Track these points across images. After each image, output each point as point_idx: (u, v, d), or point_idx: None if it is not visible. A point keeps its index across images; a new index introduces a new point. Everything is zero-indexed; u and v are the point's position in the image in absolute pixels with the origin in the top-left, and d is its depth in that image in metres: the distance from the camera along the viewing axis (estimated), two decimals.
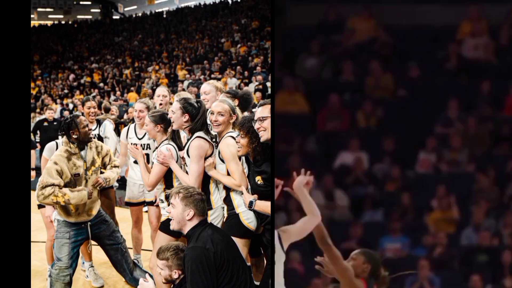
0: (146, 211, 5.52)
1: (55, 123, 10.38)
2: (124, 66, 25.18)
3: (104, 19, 39.23)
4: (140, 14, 36.29)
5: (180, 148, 4.33)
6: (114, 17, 39.84)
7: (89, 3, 42.42)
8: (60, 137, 4.65)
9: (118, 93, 20.23)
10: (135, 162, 5.24)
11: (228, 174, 4.00)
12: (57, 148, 4.86)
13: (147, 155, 5.06)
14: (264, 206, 3.80)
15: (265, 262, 4.30)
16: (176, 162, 4.19)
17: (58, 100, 21.66)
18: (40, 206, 5.12)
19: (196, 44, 24.66)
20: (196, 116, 4.14)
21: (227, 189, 4.04)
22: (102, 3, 41.01)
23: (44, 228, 5.40)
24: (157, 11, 36.09)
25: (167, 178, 4.25)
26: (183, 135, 4.49)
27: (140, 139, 5.35)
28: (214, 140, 4.25)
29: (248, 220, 3.93)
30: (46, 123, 10.56)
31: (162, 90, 5.46)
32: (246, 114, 4.60)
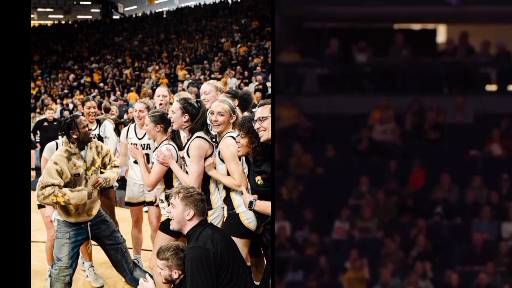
0: (146, 211, 5.52)
1: (55, 123, 10.38)
2: (124, 66, 25.17)
3: (104, 19, 39.24)
4: (140, 14, 36.29)
5: (180, 148, 4.33)
6: (114, 17, 39.85)
7: (89, 3, 42.42)
8: (60, 137, 4.65)
9: (118, 93, 20.22)
10: (135, 162, 5.24)
11: (228, 174, 4.00)
12: (57, 148, 4.86)
13: (147, 155, 5.06)
14: (264, 206, 3.80)
15: (265, 262, 4.30)
16: (176, 162, 4.18)
17: (58, 100, 21.65)
18: (40, 206, 5.12)
19: (196, 44, 24.66)
20: (196, 116, 4.14)
21: (227, 189, 4.04)
22: (102, 3, 41.02)
23: (44, 228, 5.40)
24: (157, 11, 36.09)
25: (167, 178, 4.25)
26: (183, 135, 4.48)
27: (140, 139, 5.35)
28: (214, 140, 4.25)
29: (248, 220, 3.93)
30: (46, 123, 10.55)
31: (162, 90, 5.46)
32: (246, 114, 4.60)
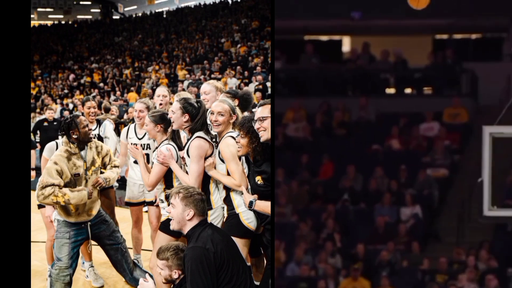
0: (146, 211, 5.52)
1: (55, 123, 10.38)
2: (124, 66, 25.17)
3: (104, 19, 39.23)
4: (140, 14, 36.29)
5: (180, 148, 4.33)
6: (114, 17, 39.83)
7: (89, 3, 42.42)
8: (60, 137, 4.65)
9: (118, 93, 20.22)
10: (135, 162, 5.24)
11: (228, 174, 4.00)
12: (57, 148, 4.85)
13: (147, 155, 5.06)
14: (264, 206, 3.80)
15: (265, 262, 4.30)
16: (176, 162, 4.18)
17: (58, 100, 21.64)
18: (40, 206, 5.12)
19: (196, 44, 24.65)
20: (196, 116, 4.14)
21: (227, 189, 4.04)
22: (102, 3, 41.01)
23: (44, 228, 5.40)
24: (157, 11, 36.08)
25: (167, 178, 4.25)
26: (183, 135, 4.48)
27: (140, 139, 5.35)
28: (214, 140, 4.25)
29: (248, 220, 3.93)
30: (46, 123, 10.55)
31: (162, 90, 5.46)
32: (246, 114, 4.60)
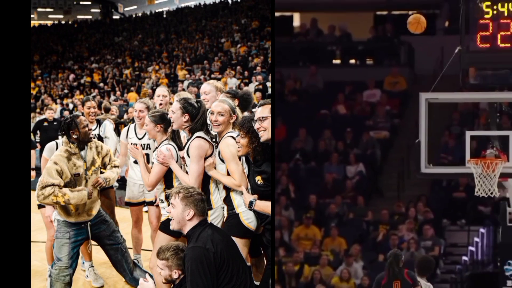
0: (146, 211, 5.52)
1: (55, 123, 10.37)
2: (124, 66, 25.15)
3: (104, 19, 39.20)
4: (140, 14, 36.26)
5: (180, 148, 4.33)
6: (114, 17, 39.79)
7: (89, 3, 42.39)
8: (60, 137, 4.65)
9: (118, 93, 20.21)
10: (135, 162, 5.24)
11: (228, 174, 4.00)
12: (57, 148, 4.85)
13: (147, 155, 5.06)
14: (264, 206, 3.80)
15: (265, 262, 4.30)
16: (176, 162, 4.18)
17: (58, 100, 21.62)
18: (40, 206, 5.12)
19: (196, 44, 24.64)
20: (196, 116, 4.14)
21: (227, 189, 4.04)
22: (102, 3, 40.98)
23: (44, 228, 5.41)
24: (157, 11, 36.04)
25: (167, 178, 4.25)
26: (183, 135, 4.48)
27: (140, 139, 5.35)
28: (214, 140, 4.25)
29: (248, 220, 3.93)
30: (46, 123, 10.55)
31: (162, 90, 5.46)
32: (246, 114, 4.60)
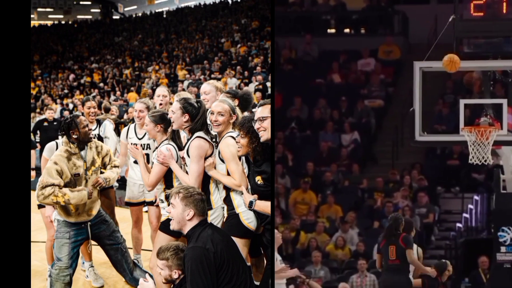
0: (146, 211, 5.52)
1: (55, 123, 10.37)
2: (124, 66, 25.14)
3: (104, 19, 39.18)
4: (140, 14, 36.24)
5: (180, 148, 4.33)
6: (114, 17, 39.77)
7: (89, 3, 42.36)
8: (60, 137, 4.65)
9: (118, 93, 20.20)
10: (135, 162, 5.23)
11: (228, 174, 4.00)
12: (57, 148, 4.85)
13: (147, 155, 5.06)
14: (264, 206, 3.80)
15: (265, 262, 4.30)
16: (176, 162, 4.18)
17: (58, 100, 21.61)
18: (40, 206, 5.12)
19: (196, 44, 24.63)
20: (196, 116, 4.14)
21: (227, 189, 4.04)
22: (102, 3, 40.95)
23: (44, 228, 5.41)
24: (157, 11, 36.02)
25: (167, 178, 4.25)
26: (183, 135, 4.48)
27: (140, 139, 5.35)
28: (214, 140, 4.25)
29: (248, 220, 3.93)
30: (46, 123, 10.54)
31: (162, 90, 5.47)
32: (246, 114, 4.60)
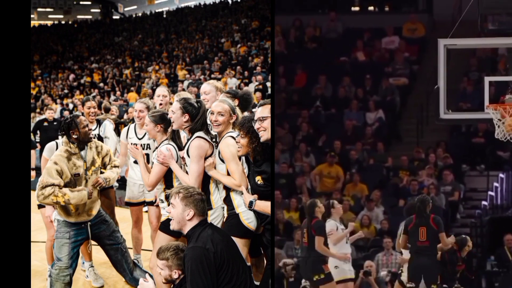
0: (146, 211, 5.52)
1: (55, 123, 10.37)
2: (124, 66, 25.15)
3: (104, 19, 39.19)
4: (140, 14, 36.24)
5: (180, 148, 4.33)
6: (114, 17, 39.77)
7: (89, 3, 42.37)
8: (60, 137, 4.65)
9: (118, 93, 20.20)
10: (135, 162, 5.24)
11: (228, 174, 4.00)
12: (57, 148, 4.85)
13: (147, 155, 5.06)
14: (264, 206, 3.80)
15: (265, 262, 4.30)
16: (176, 162, 4.18)
17: (58, 100, 21.62)
18: (40, 206, 5.12)
19: (196, 44, 24.64)
20: (196, 116, 4.14)
21: (227, 189, 4.04)
22: (102, 3, 40.96)
23: (44, 228, 5.40)
24: (157, 11, 36.03)
25: (167, 178, 4.25)
26: (183, 135, 4.49)
27: (140, 139, 5.35)
28: (214, 140, 4.25)
29: (248, 220, 3.93)
30: (46, 123, 10.54)
31: (162, 90, 5.47)
32: (246, 114, 4.60)
